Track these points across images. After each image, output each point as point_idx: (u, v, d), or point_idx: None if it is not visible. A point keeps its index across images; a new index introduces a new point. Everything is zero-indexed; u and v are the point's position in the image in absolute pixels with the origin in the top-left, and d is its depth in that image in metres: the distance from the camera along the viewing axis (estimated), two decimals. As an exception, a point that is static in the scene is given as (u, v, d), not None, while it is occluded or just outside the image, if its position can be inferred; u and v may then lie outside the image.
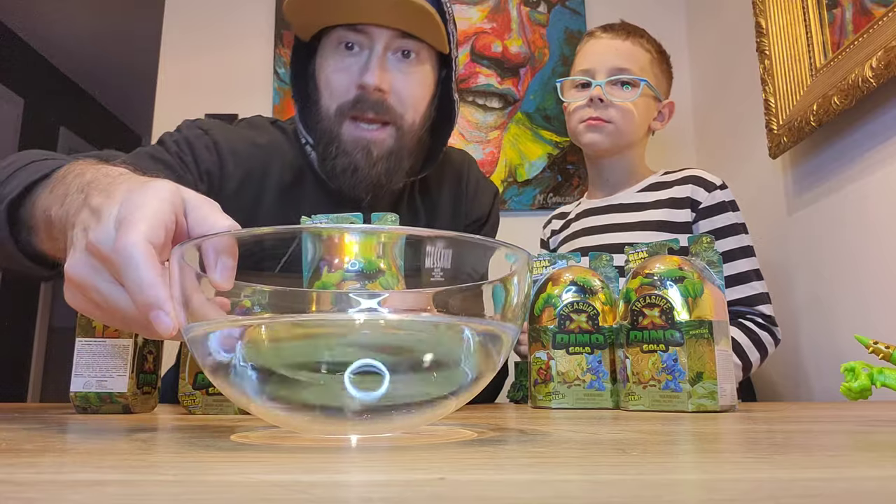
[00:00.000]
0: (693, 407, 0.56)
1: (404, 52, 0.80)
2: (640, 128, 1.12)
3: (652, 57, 1.11)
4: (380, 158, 0.80)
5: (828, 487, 0.19)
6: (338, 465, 0.24)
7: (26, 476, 0.21)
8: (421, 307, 0.36)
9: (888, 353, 0.41)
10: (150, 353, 0.62)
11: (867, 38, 1.00)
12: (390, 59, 0.80)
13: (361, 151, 0.79)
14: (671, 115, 1.17)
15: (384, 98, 0.79)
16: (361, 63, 0.79)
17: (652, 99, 1.12)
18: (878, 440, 0.31)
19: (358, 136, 0.79)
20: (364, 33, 0.79)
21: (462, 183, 0.97)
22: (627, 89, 1.08)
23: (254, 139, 0.86)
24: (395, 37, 0.79)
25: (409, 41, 0.80)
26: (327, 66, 0.81)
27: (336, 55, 0.80)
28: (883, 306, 1.01)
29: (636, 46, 1.10)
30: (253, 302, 0.35)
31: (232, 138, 0.84)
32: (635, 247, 0.68)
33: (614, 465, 0.23)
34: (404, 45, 0.80)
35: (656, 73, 1.11)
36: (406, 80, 0.80)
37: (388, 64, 0.79)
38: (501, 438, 0.33)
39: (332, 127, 0.80)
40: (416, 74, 0.81)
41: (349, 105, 0.79)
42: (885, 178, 1.01)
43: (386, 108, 0.79)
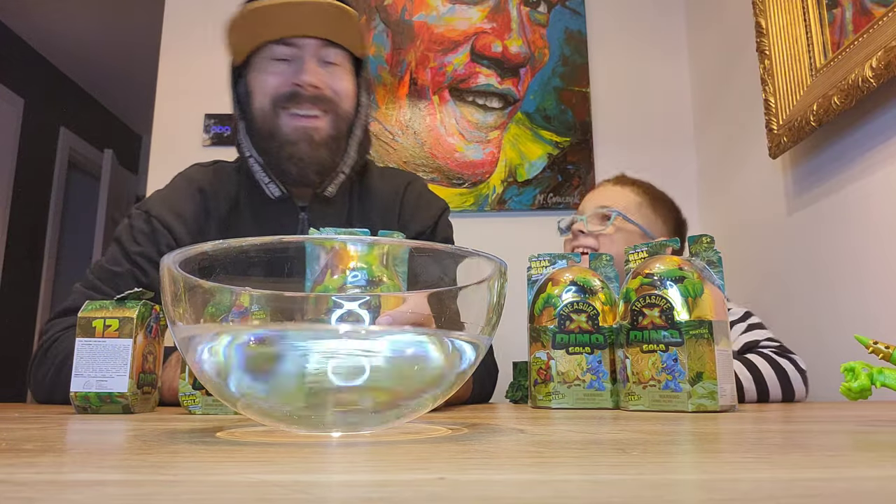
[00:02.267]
0: (693, 407, 0.56)
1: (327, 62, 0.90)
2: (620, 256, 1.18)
3: (641, 200, 1.20)
4: (321, 143, 0.87)
5: (828, 487, 0.19)
6: (337, 465, 0.24)
7: (26, 476, 0.21)
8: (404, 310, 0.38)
9: (888, 353, 0.41)
10: (150, 354, 0.62)
11: (867, 38, 1.00)
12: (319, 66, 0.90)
13: (304, 139, 0.87)
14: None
15: (320, 92, 0.88)
16: (294, 68, 0.88)
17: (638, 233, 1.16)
18: (878, 440, 0.31)
19: (297, 125, 0.87)
20: (294, 45, 0.88)
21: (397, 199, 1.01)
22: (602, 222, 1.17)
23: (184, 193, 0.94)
24: (321, 46, 0.89)
25: (333, 50, 0.90)
26: (261, 74, 0.89)
27: (269, 66, 0.89)
28: (883, 306, 1.01)
29: (625, 189, 1.21)
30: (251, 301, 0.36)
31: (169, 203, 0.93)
32: (635, 247, 0.68)
33: (614, 465, 0.23)
34: (329, 54, 0.90)
35: (646, 213, 1.19)
36: (335, 78, 0.90)
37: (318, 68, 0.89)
38: (501, 438, 0.33)
39: (270, 121, 0.88)
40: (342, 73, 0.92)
41: (284, 97, 0.87)
42: (885, 178, 1.01)
43: (323, 99, 0.88)
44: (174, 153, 1.82)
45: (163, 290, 0.34)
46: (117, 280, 0.87)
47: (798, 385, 0.96)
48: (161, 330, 0.65)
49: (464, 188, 1.77)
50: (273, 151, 0.88)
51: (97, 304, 0.61)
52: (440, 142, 1.80)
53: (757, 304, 1.39)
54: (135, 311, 0.60)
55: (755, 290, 1.43)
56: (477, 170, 1.79)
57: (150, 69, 2.04)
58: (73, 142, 4.06)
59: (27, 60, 3.69)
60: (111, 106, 4.45)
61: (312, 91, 0.87)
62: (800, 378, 0.96)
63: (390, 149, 1.80)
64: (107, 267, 0.89)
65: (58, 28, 3.51)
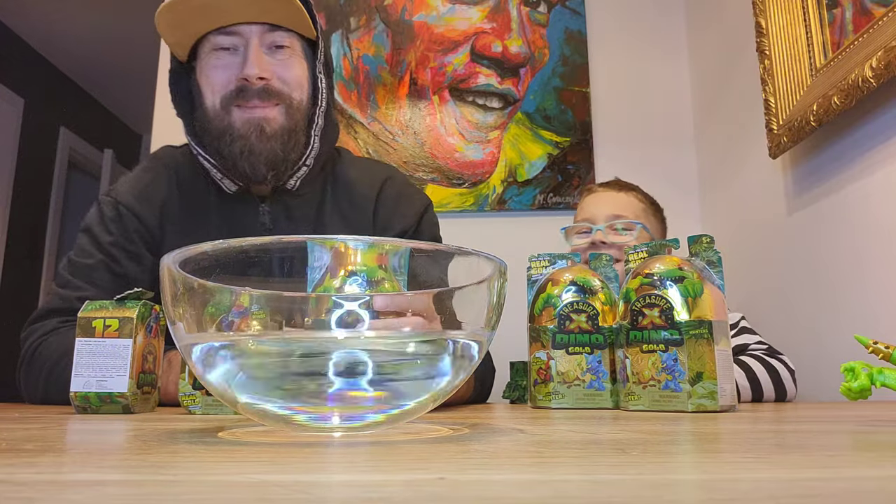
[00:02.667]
0: (693, 407, 0.56)
1: (276, 46, 0.84)
2: None
3: (645, 206, 1.22)
4: (273, 134, 0.83)
5: (827, 487, 0.19)
6: (337, 465, 0.24)
7: (26, 476, 0.21)
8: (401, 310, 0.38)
9: (888, 353, 0.41)
10: (150, 354, 0.62)
11: (867, 38, 1.00)
12: (265, 53, 0.84)
13: (255, 131, 0.82)
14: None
15: (268, 84, 0.82)
16: (238, 59, 0.83)
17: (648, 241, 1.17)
18: (878, 440, 0.31)
19: (248, 118, 0.82)
20: (236, 34, 0.83)
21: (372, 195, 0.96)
22: (624, 233, 1.18)
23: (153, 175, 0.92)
24: (266, 31, 0.83)
25: (279, 33, 0.84)
26: (206, 67, 0.84)
27: (212, 58, 0.84)
28: (883, 306, 1.01)
29: (630, 197, 1.22)
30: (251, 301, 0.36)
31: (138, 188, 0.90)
32: (635, 247, 0.68)
33: (614, 465, 0.23)
34: (275, 38, 0.84)
35: (651, 220, 1.22)
36: (284, 66, 0.84)
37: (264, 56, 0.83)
38: (501, 438, 0.33)
39: (221, 119, 0.83)
40: (292, 60, 0.85)
41: (233, 95, 0.82)
42: (885, 178, 1.01)
43: (272, 92, 0.83)
44: (174, 153, 1.82)
45: (163, 290, 0.35)
46: (90, 272, 0.85)
47: (789, 384, 0.98)
48: (161, 330, 0.65)
49: (464, 188, 1.77)
50: (225, 147, 0.83)
51: (97, 304, 0.61)
52: (440, 142, 1.80)
53: (756, 304, 1.39)
54: (135, 311, 0.60)
55: (755, 289, 1.43)
56: (477, 170, 1.79)
57: (150, 69, 2.04)
58: (73, 142, 4.06)
59: (27, 60, 3.69)
60: (111, 106, 4.45)
61: (260, 83, 0.82)
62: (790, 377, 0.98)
63: (390, 149, 1.80)
64: (78, 261, 0.86)
65: (58, 28, 3.51)
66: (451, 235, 1.76)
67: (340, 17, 1.86)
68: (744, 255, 1.47)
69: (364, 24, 1.86)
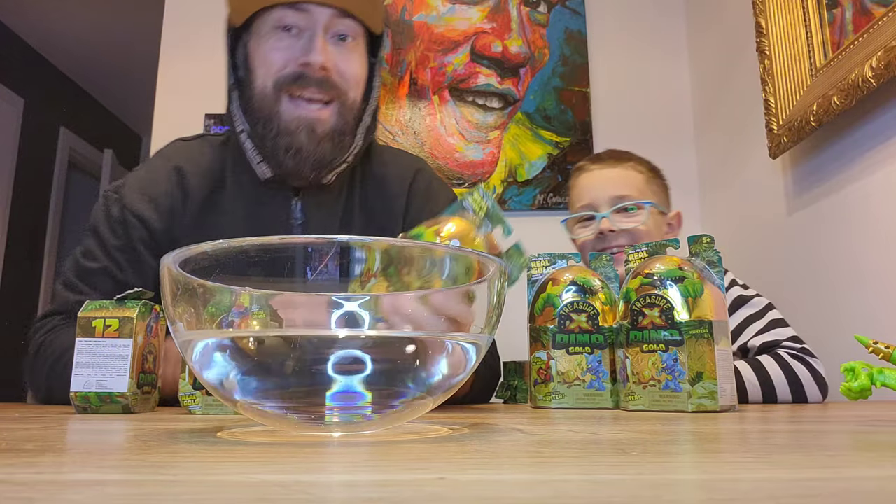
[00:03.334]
0: (693, 407, 0.56)
1: (341, 36, 0.81)
2: None
3: (646, 176, 1.10)
4: (324, 137, 0.79)
5: (827, 487, 0.19)
6: (337, 465, 0.24)
7: (26, 476, 0.21)
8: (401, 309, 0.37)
9: (888, 353, 0.41)
10: (150, 354, 0.63)
11: (867, 38, 1.00)
12: (329, 42, 0.80)
13: (305, 130, 0.78)
14: (680, 223, 1.13)
15: (328, 76, 0.78)
16: (302, 43, 0.78)
17: (658, 214, 1.09)
18: (878, 440, 0.31)
19: (299, 115, 0.78)
20: (304, 11, 0.78)
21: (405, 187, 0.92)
22: (633, 212, 1.06)
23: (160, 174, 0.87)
24: (335, 16, 0.79)
25: (347, 22, 0.80)
26: (264, 45, 0.79)
27: (274, 35, 0.79)
28: (883, 306, 1.01)
29: (629, 170, 1.10)
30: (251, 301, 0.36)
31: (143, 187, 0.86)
32: (635, 247, 0.68)
33: (614, 465, 0.23)
34: (343, 27, 0.80)
35: (654, 189, 1.10)
36: (347, 60, 0.80)
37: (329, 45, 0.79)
38: (501, 438, 0.33)
39: (270, 105, 0.79)
40: (354, 55, 0.82)
41: (289, 79, 0.78)
42: (885, 178, 1.01)
43: (330, 84, 0.79)
44: (174, 153, 1.82)
45: (163, 290, 0.35)
46: (93, 278, 0.83)
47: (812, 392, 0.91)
48: (161, 330, 0.65)
49: (464, 188, 1.77)
50: (269, 138, 0.80)
51: (97, 303, 0.61)
52: (440, 142, 1.80)
53: (757, 304, 1.39)
54: (135, 311, 0.60)
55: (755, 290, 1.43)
56: (477, 170, 1.79)
57: (150, 69, 2.04)
58: (73, 142, 4.06)
59: (27, 60, 3.69)
60: (111, 106, 4.45)
61: (321, 74, 0.77)
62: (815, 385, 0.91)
63: (390, 149, 1.80)
64: (83, 264, 0.84)
65: (58, 28, 3.51)
66: (451, 235, 1.76)
67: (340, 17, 1.86)
68: (744, 255, 1.47)
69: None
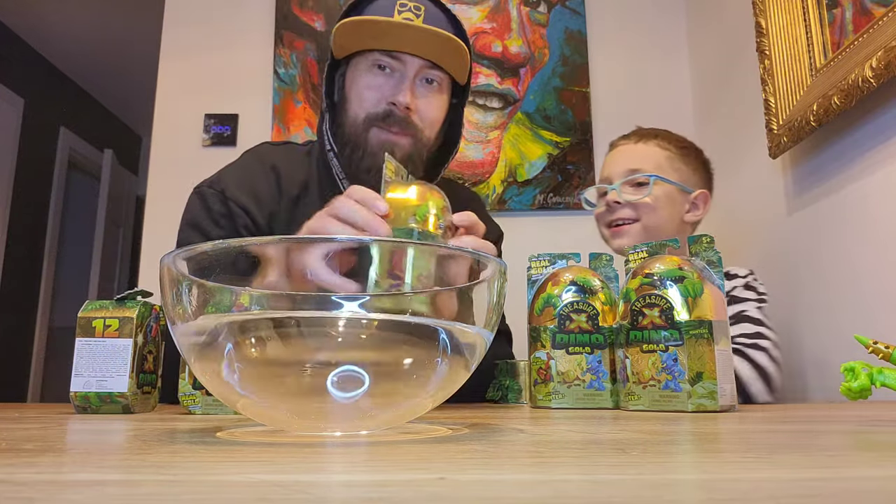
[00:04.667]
0: (693, 407, 0.56)
1: (429, 80, 0.91)
2: (667, 222, 1.08)
3: (670, 153, 1.11)
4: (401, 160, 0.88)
5: (827, 487, 0.19)
6: (337, 465, 0.24)
7: (26, 476, 0.21)
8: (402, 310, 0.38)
9: (888, 353, 0.41)
10: (150, 353, 0.63)
11: (867, 38, 1.00)
12: (417, 84, 0.90)
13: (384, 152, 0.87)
14: (707, 204, 1.12)
15: (410, 116, 0.89)
16: (393, 83, 0.89)
17: (677, 192, 1.09)
18: (878, 440, 0.31)
19: (383, 139, 0.89)
20: (399, 59, 0.89)
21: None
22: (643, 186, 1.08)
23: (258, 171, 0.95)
24: (425, 66, 0.89)
25: (435, 71, 0.90)
26: (361, 81, 0.91)
27: (370, 73, 0.90)
28: (883, 306, 1.01)
29: (649, 146, 1.11)
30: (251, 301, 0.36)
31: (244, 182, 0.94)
32: (635, 247, 0.68)
33: (614, 465, 0.23)
34: (431, 74, 0.90)
35: (678, 167, 1.10)
36: (428, 104, 0.91)
37: (416, 88, 0.90)
38: (501, 438, 0.33)
39: (359, 132, 0.90)
40: (436, 100, 0.92)
41: (379, 116, 0.89)
42: (885, 178, 1.01)
43: (410, 124, 0.89)
44: (174, 153, 1.82)
45: (163, 290, 0.34)
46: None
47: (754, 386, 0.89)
48: (161, 330, 0.65)
49: (464, 188, 1.77)
50: (356, 160, 0.91)
51: (97, 303, 0.61)
52: (440, 142, 1.80)
53: (757, 304, 1.39)
54: (135, 311, 0.60)
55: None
56: (477, 170, 1.79)
57: (150, 69, 2.04)
58: (73, 142, 4.06)
59: (27, 60, 3.69)
60: (111, 106, 4.45)
61: (404, 112, 0.88)
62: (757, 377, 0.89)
63: (390, 149, 1.80)
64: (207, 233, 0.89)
65: (58, 28, 3.51)
66: (451, 235, 1.76)
67: (340, 17, 1.86)
68: (744, 255, 1.47)
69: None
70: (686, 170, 1.11)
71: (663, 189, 1.07)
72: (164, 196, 1.78)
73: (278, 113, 1.81)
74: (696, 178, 1.12)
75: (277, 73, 1.83)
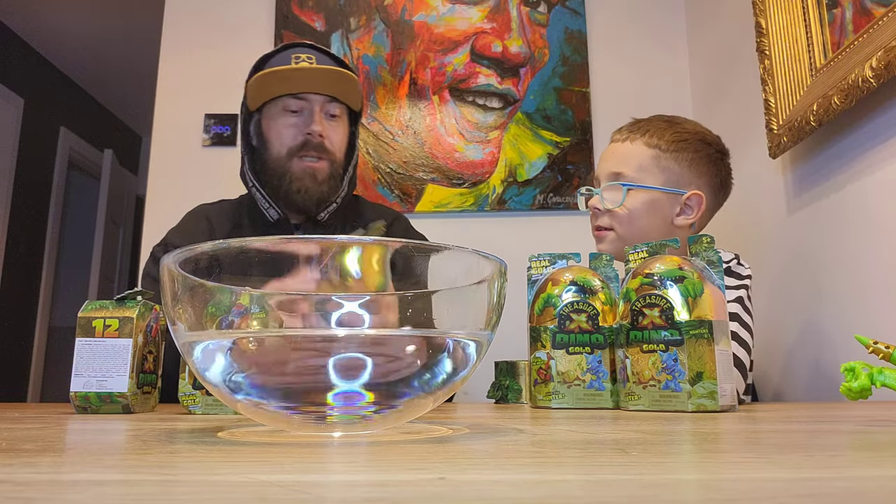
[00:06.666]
0: (693, 407, 0.56)
1: (332, 114, 1.11)
2: (648, 230, 1.01)
3: (658, 152, 1.02)
4: (323, 180, 1.09)
5: (828, 487, 0.19)
6: (337, 465, 0.24)
7: (26, 476, 0.21)
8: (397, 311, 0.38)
9: (888, 353, 0.41)
10: (150, 353, 0.62)
11: (867, 38, 1.00)
12: (324, 117, 1.10)
13: (309, 177, 1.08)
14: (701, 205, 1.02)
15: (323, 142, 1.09)
16: (304, 118, 1.09)
17: (662, 196, 1.01)
18: (878, 440, 0.31)
19: (305, 167, 1.08)
20: (305, 99, 1.09)
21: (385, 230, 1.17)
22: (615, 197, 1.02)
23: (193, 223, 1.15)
24: (327, 101, 1.10)
25: (335, 104, 1.11)
26: (277, 123, 1.10)
27: (283, 116, 1.09)
28: (883, 306, 1.01)
29: (635, 145, 1.03)
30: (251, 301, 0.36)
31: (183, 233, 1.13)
32: (635, 247, 0.68)
33: (614, 465, 0.23)
34: (332, 108, 1.11)
35: (666, 165, 1.01)
36: (335, 131, 1.12)
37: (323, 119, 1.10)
38: (501, 438, 0.33)
39: (283, 165, 1.09)
40: (341, 128, 1.13)
41: (298, 147, 1.08)
42: (885, 178, 1.01)
43: (324, 148, 1.09)
44: (174, 153, 1.82)
45: (163, 290, 0.35)
46: None
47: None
48: (161, 330, 0.65)
49: (464, 188, 1.77)
50: (284, 186, 1.08)
51: (97, 303, 0.61)
52: (440, 142, 1.80)
53: (756, 304, 1.39)
54: (135, 311, 0.60)
55: (755, 289, 1.43)
56: (477, 170, 1.79)
57: (150, 69, 2.04)
58: (73, 142, 4.06)
59: (27, 60, 3.69)
60: (111, 106, 4.45)
61: (318, 139, 1.07)
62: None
63: (390, 149, 1.80)
64: None
65: (58, 28, 3.51)
66: (452, 235, 1.76)
67: (340, 18, 1.86)
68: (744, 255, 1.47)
69: (364, 25, 1.86)
70: (676, 168, 1.02)
71: (642, 196, 1.00)
72: (164, 196, 1.78)
73: (278, 113, 1.81)
74: (692, 175, 1.02)
75: (277, 73, 1.83)
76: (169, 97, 1.87)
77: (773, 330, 1.32)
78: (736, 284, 0.99)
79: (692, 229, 1.04)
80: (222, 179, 1.77)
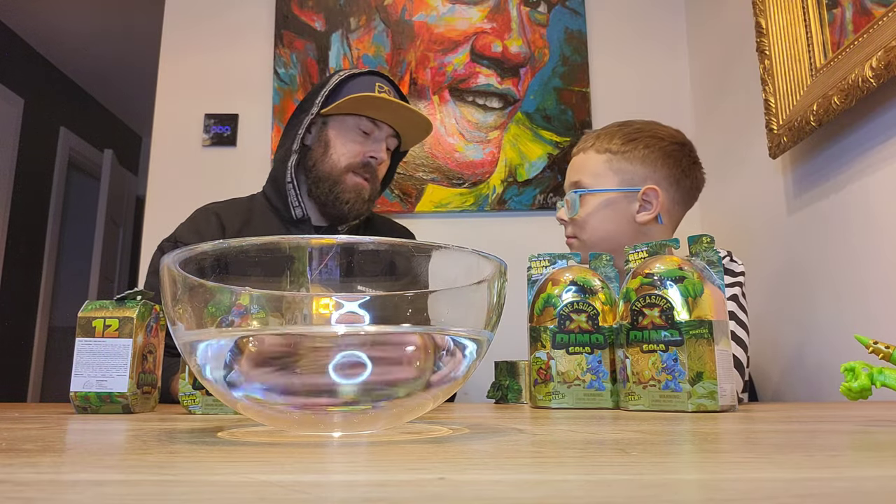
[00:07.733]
0: (693, 407, 0.56)
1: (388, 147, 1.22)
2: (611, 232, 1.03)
3: (609, 155, 1.03)
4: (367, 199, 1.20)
5: (828, 487, 0.19)
6: (337, 465, 0.24)
7: (26, 476, 0.21)
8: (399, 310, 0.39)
9: (888, 353, 0.41)
10: (150, 353, 0.62)
11: (867, 38, 1.00)
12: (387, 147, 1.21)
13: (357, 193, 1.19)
14: (658, 198, 1.01)
15: (378, 167, 1.20)
16: (372, 143, 1.19)
17: (618, 197, 1.02)
18: (878, 440, 0.31)
19: (357, 183, 1.19)
20: (379, 127, 1.19)
21: None
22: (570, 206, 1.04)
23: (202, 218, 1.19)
24: (390, 135, 1.21)
25: (395, 140, 1.23)
26: (346, 137, 1.18)
27: (354, 132, 1.19)
28: (883, 306, 1.01)
29: (588, 154, 1.05)
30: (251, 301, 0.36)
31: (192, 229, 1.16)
32: (635, 247, 0.68)
33: (614, 465, 0.23)
34: (392, 142, 1.23)
35: (619, 167, 1.03)
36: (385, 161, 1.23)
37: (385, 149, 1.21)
38: (501, 438, 0.33)
39: (339, 175, 1.17)
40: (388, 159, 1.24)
41: (359, 165, 1.18)
42: (885, 178, 1.01)
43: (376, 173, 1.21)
44: (174, 153, 1.82)
45: (163, 290, 0.35)
46: None
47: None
48: (161, 330, 0.65)
49: (464, 188, 1.77)
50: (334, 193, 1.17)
51: (97, 303, 0.61)
52: (440, 142, 1.80)
53: (756, 304, 1.39)
54: (134, 310, 0.60)
55: (755, 290, 1.43)
56: (477, 170, 1.79)
57: (150, 69, 2.04)
58: (73, 142, 4.06)
59: (27, 60, 3.69)
60: (111, 106, 4.45)
61: (376, 164, 1.19)
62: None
63: (390, 149, 1.80)
64: None
65: (58, 28, 3.51)
66: (452, 235, 1.76)
67: (340, 18, 1.86)
68: (744, 255, 1.47)
69: (364, 25, 1.86)
70: (629, 167, 1.02)
71: (596, 200, 1.02)
72: (164, 196, 1.78)
73: (278, 113, 1.81)
74: (646, 171, 1.02)
75: (277, 73, 1.83)
76: (169, 97, 1.87)
77: (773, 330, 1.32)
78: (731, 282, 0.99)
79: (661, 223, 1.03)
80: (222, 179, 1.77)
